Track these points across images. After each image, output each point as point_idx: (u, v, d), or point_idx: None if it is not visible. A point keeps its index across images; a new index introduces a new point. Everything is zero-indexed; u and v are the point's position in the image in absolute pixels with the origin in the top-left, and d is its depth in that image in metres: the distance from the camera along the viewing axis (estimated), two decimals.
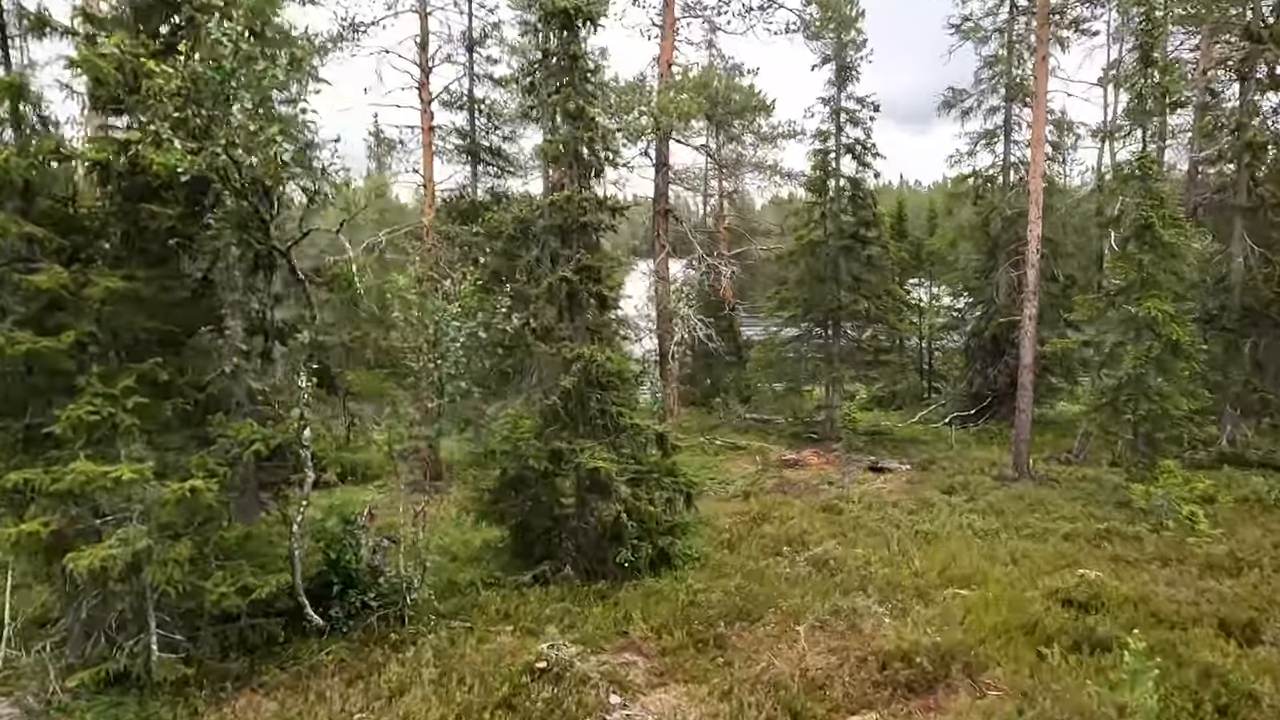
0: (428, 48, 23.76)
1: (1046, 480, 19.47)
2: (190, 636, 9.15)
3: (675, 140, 23.77)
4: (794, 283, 29.53)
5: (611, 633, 9.93)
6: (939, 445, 25.62)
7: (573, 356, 12.26)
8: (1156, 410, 17.53)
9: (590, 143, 12.49)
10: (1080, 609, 10.04)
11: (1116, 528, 14.60)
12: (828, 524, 15.81)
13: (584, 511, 12.57)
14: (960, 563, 12.64)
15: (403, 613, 10.15)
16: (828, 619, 10.22)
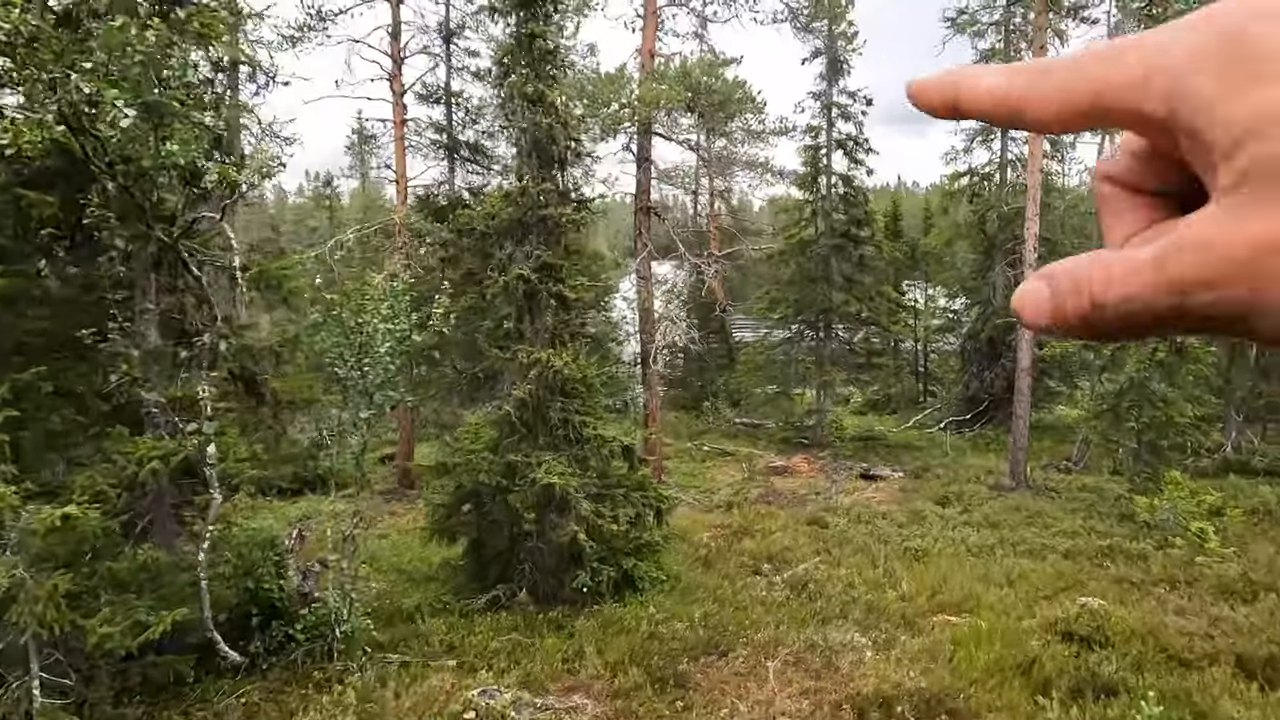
0: (400, 37, 22.80)
1: (1045, 490, 18.51)
2: (85, 678, 8.15)
3: (659, 135, 22.79)
4: (784, 283, 28.63)
5: (560, 670, 8.93)
6: (934, 451, 24.67)
7: (530, 362, 11.28)
8: (1160, 417, 16.58)
9: (550, 130, 11.49)
10: (1082, 644, 9.05)
11: (1120, 544, 13.62)
12: (812, 539, 14.83)
13: (543, 531, 11.57)
14: (951, 585, 11.65)
15: (331, 646, 9.15)
16: (803, 653, 9.23)
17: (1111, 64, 0.31)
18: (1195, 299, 0.28)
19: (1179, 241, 0.29)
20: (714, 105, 19.01)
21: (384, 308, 8.88)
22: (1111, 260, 0.31)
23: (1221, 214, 0.28)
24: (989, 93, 0.34)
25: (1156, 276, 0.29)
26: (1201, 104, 0.28)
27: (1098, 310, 0.31)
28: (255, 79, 23.53)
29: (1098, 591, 11.26)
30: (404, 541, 15.51)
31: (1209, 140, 0.28)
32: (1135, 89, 0.30)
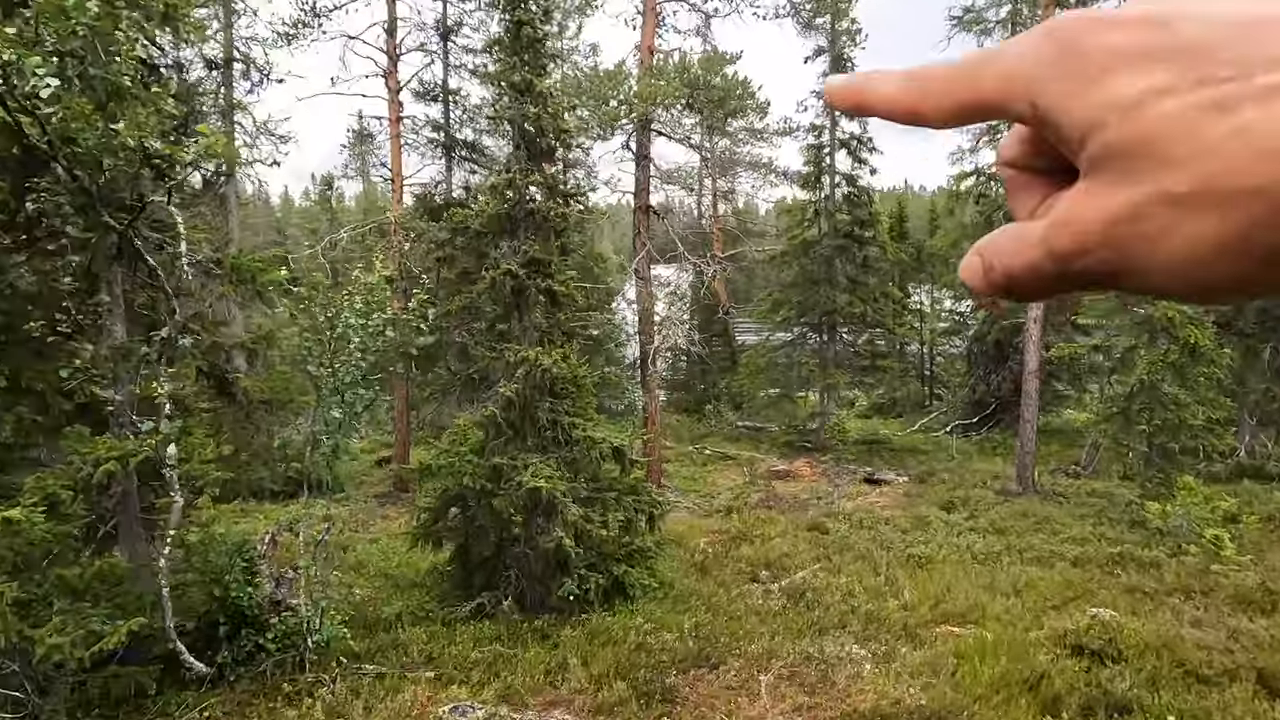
0: (395, 33, 22.46)
1: (1053, 495, 18.01)
2: (41, 689, 7.76)
3: (660, 133, 22.40)
4: (787, 285, 28.18)
5: (542, 683, 8.49)
6: (939, 455, 24.18)
7: (516, 361, 10.86)
8: (1173, 420, 16.05)
9: (539, 120, 11.09)
10: (1093, 658, 8.56)
11: (1131, 551, 13.12)
12: (812, 545, 14.36)
13: (530, 536, 11.14)
14: (955, 594, 11.18)
15: (303, 657, 8.73)
16: (798, 666, 8.77)
17: (982, 71, 0.36)
18: (1074, 265, 0.34)
19: (1054, 218, 0.35)
20: (713, 102, 18.58)
21: (357, 303, 8.48)
22: (1016, 234, 0.37)
23: (1082, 193, 0.33)
24: (888, 98, 0.39)
25: (1044, 248, 0.35)
26: (1054, 104, 0.33)
27: (1010, 278, 0.37)
28: (249, 76, 23.32)
29: (1109, 601, 10.78)
30: (394, 546, 15.12)
31: (1066, 133, 0.33)
32: (1002, 93, 0.35)
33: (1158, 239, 0.31)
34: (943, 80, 0.38)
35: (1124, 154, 0.31)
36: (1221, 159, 0.29)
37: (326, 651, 9.01)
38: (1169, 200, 0.30)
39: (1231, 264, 0.30)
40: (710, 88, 18.38)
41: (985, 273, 0.38)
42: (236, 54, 22.68)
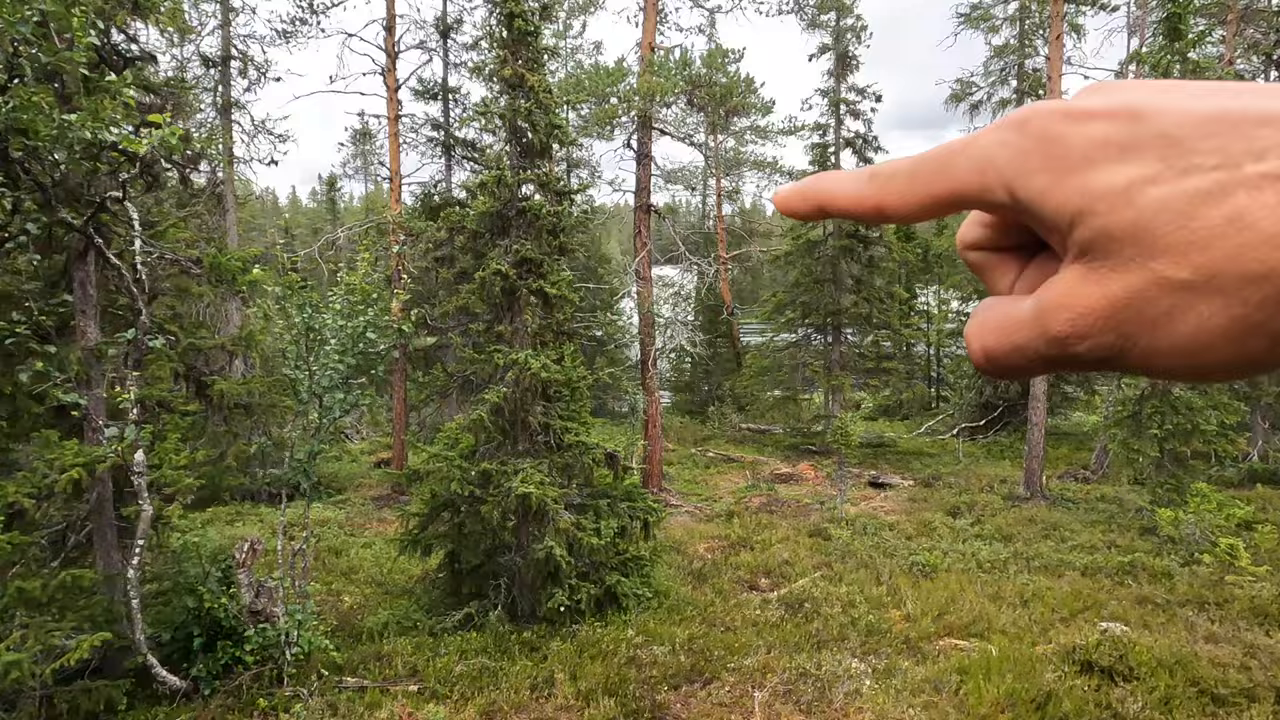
0: (394, 31, 22.20)
1: (1061, 500, 17.62)
2: (8, 704, 7.48)
3: (661, 131, 22.08)
4: (791, 285, 27.82)
5: (528, 699, 8.15)
6: (945, 459, 23.78)
7: (506, 363, 10.54)
8: (1185, 424, 15.63)
9: (530, 115, 10.77)
10: (1104, 676, 8.17)
11: (1142, 560, 12.72)
12: (813, 552, 14.01)
13: (522, 544, 10.82)
14: (960, 605, 10.81)
15: (281, 670, 8.42)
16: (795, 682, 8.42)
17: (952, 163, 0.36)
18: (1074, 348, 0.33)
19: (1048, 302, 0.34)
20: (715, 98, 18.22)
21: (336, 303, 8.17)
22: (1004, 312, 0.37)
23: (1077, 277, 0.33)
24: (852, 199, 0.39)
25: (1038, 330, 0.34)
26: (1035, 195, 0.33)
27: (998, 358, 0.37)
28: (247, 74, 23.09)
29: (1119, 613, 10.40)
30: (387, 551, 14.82)
31: (1050, 222, 0.33)
32: (978, 184, 0.35)
33: (1161, 324, 0.31)
34: (909, 175, 0.37)
35: (1118, 240, 0.31)
36: (1220, 246, 0.29)
37: (307, 664, 8.70)
38: (1170, 286, 0.30)
39: (1238, 347, 0.30)
40: (712, 84, 18.02)
41: (981, 353, 0.37)
42: (234, 51, 22.46)
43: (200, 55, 22.48)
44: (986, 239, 0.42)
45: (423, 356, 23.08)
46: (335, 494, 22.93)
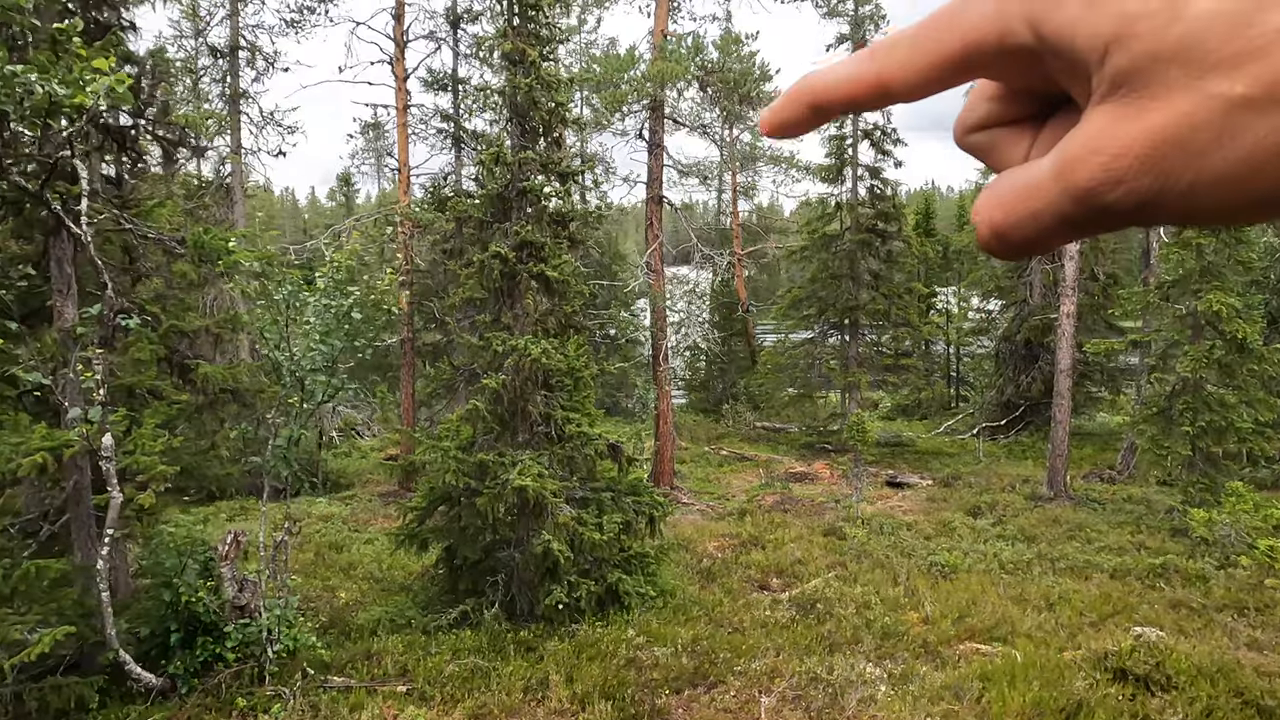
0: (403, 20, 21.86)
1: (1087, 501, 16.96)
2: None
3: (675, 120, 21.60)
4: (807, 280, 27.23)
5: (520, 701, 7.70)
6: (965, 458, 23.14)
7: (504, 350, 10.10)
8: (1218, 422, 14.94)
9: (530, 92, 10.32)
10: (1139, 685, 7.59)
11: (1175, 562, 12.08)
12: (827, 552, 13.47)
13: (521, 539, 10.37)
14: (981, 607, 10.24)
15: (263, 668, 8.01)
16: (805, 687, 7.90)
17: (962, 19, 0.33)
18: (1104, 199, 0.30)
19: (1074, 151, 0.30)
20: (728, 84, 17.71)
21: (319, 281, 7.75)
22: (1016, 180, 0.33)
23: (1110, 116, 0.29)
24: (848, 80, 0.35)
25: (1061, 187, 0.31)
26: (1064, 23, 0.30)
27: (1013, 229, 0.33)
28: (255, 64, 22.85)
29: (1152, 618, 9.80)
30: (388, 548, 14.45)
31: (1080, 53, 0.30)
32: (996, 26, 0.32)
33: (1209, 152, 0.28)
34: (913, 39, 0.33)
35: (1163, 61, 0.28)
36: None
37: (292, 661, 8.29)
38: (1225, 106, 0.27)
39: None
40: (725, 70, 17.52)
41: (988, 228, 0.34)
42: (243, 41, 22.22)
43: (208, 46, 22.27)
44: (992, 114, 0.37)
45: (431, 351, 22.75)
46: (344, 489, 22.66)
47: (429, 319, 22.39)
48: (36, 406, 8.06)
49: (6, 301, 6.78)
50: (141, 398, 8.72)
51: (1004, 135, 0.38)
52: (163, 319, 8.45)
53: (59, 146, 5.98)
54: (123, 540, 8.53)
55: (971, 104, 0.39)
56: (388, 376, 29.89)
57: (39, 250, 8.29)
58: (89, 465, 7.96)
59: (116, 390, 8.41)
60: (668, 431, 20.66)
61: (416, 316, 21.91)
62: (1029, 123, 0.37)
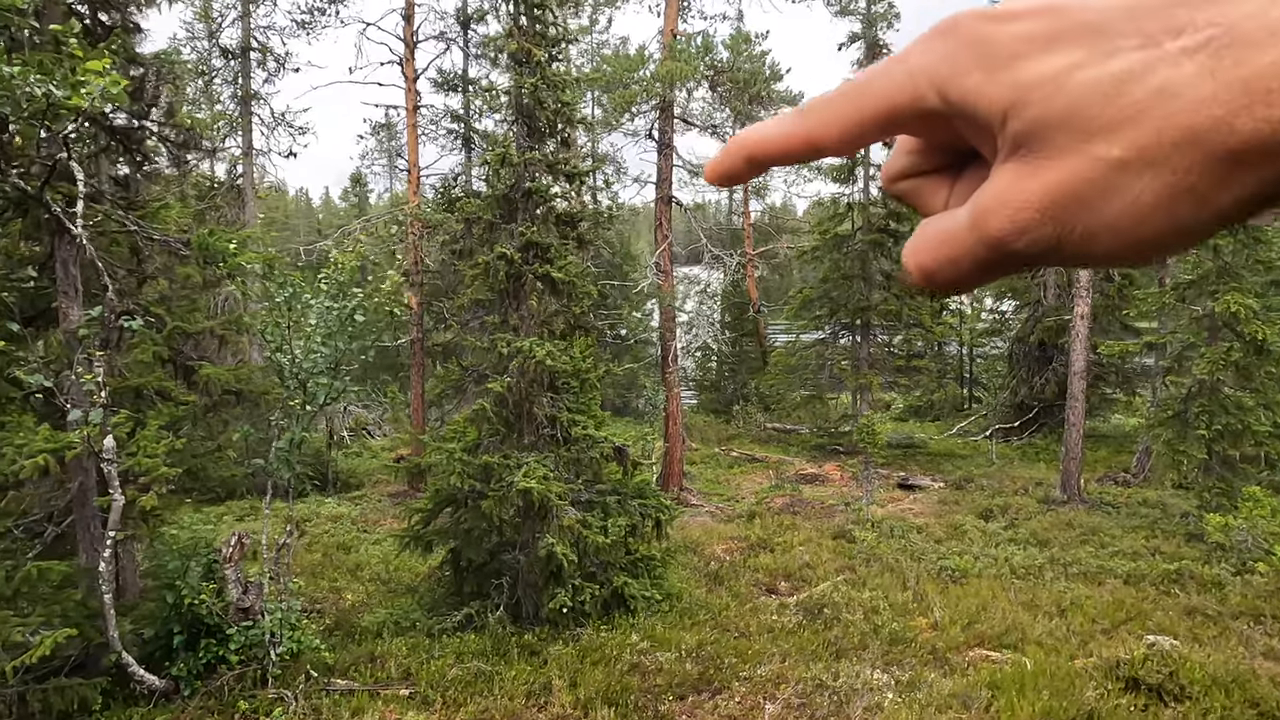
0: (413, 20, 21.87)
1: (1100, 504, 16.74)
2: None
3: (684, 120, 21.51)
4: (819, 281, 27.06)
5: (522, 707, 7.64)
6: (978, 460, 22.93)
7: (510, 352, 10.05)
8: (1235, 425, 14.71)
9: (536, 92, 10.27)
10: (1151, 695, 7.45)
11: (1190, 568, 11.89)
12: (836, 555, 13.36)
13: (527, 542, 10.32)
14: (992, 613, 10.11)
15: (266, 671, 7.99)
16: (810, 694, 7.80)
17: (880, 80, 0.36)
18: (1013, 245, 0.33)
19: (985, 204, 0.34)
20: (738, 84, 17.60)
21: (322, 283, 7.72)
22: (938, 226, 0.37)
23: (1010, 174, 0.33)
24: (781, 137, 0.38)
25: (976, 235, 0.34)
26: (968, 93, 0.34)
27: (935, 271, 0.36)
28: (266, 65, 22.93)
29: (1166, 625, 9.63)
30: (395, 549, 14.45)
31: (984, 119, 0.34)
32: (909, 92, 0.35)
33: (1097, 205, 0.32)
34: (837, 101, 0.37)
35: (1052, 127, 0.32)
36: (1149, 119, 0.30)
37: (295, 664, 8.27)
38: (1106, 166, 0.31)
39: (1169, 214, 0.31)
40: (735, 70, 17.40)
41: (918, 270, 0.37)
42: (254, 42, 22.31)
43: (220, 47, 22.36)
44: (913, 165, 0.41)
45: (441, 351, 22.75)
46: (353, 490, 22.69)
47: (439, 319, 22.39)
48: (44, 408, 8.08)
49: (9, 303, 6.78)
50: (149, 399, 8.73)
51: (926, 184, 0.41)
52: (167, 320, 8.45)
53: (57, 148, 5.97)
54: (129, 542, 8.54)
55: (894, 155, 0.42)
56: (398, 377, 29.99)
57: (46, 252, 8.31)
58: (94, 467, 7.97)
59: (124, 392, 8.42)
60: (677, 432, 20.57)
61: (426, 317, 21.93)
62: (947, 172, 0.41)
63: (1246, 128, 0.29)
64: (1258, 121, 0.29)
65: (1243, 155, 0.30)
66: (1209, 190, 0.31)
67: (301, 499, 19.08)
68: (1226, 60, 0.30)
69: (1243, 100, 0.29)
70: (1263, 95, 0.29)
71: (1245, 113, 0.29)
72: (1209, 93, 0.30)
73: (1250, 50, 0.29)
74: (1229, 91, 0.29)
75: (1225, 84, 0.29)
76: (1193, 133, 0.30)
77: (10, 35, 5.54)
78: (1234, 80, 0.29)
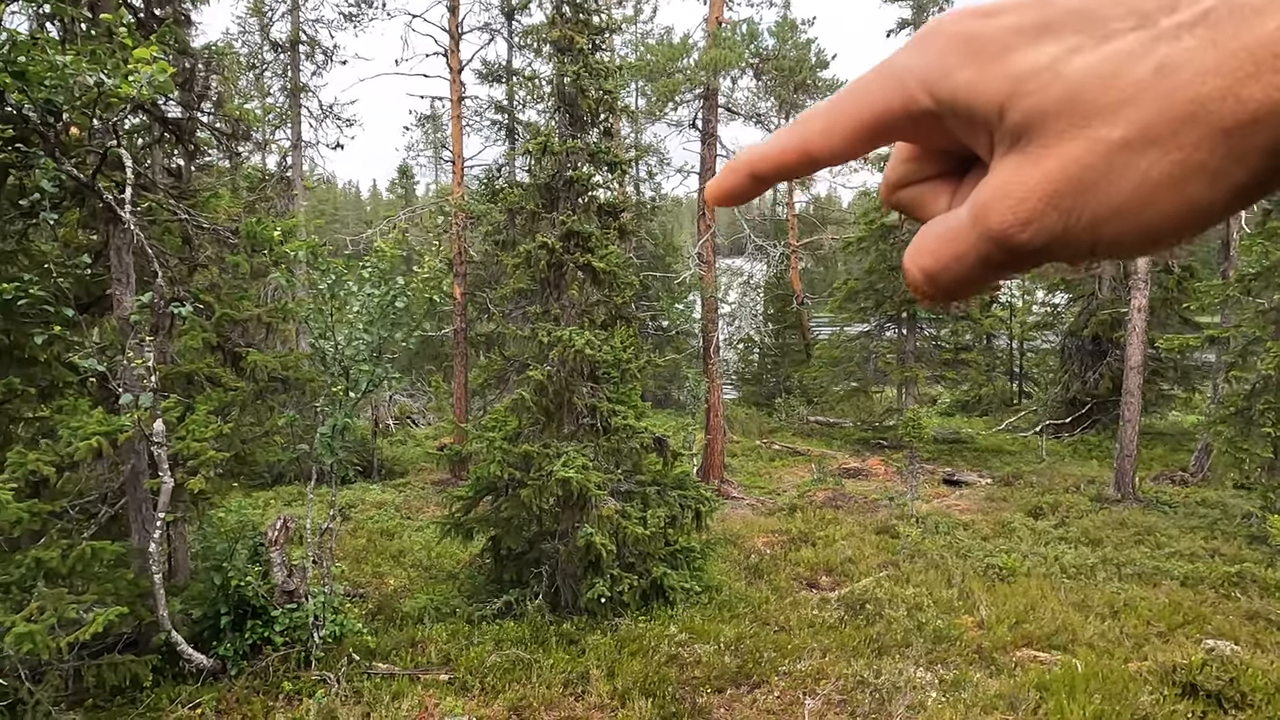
0: (458, 12, 21.99)
1: (1156, 503, 16.20)
2: (36, 676, 7.35)
3: (728, 109, 21.30)
4: (864, 272, 26.63)
5: (560, 695, 7.64)
6: (1027, 457, 22.39)
7: (550, 341, 10.05)
8: None
9: (579, 80, 10.22)
10: (1210, 702, 7.16)
11: (1251, 570, 11.43)
12: (879, 550, 13.14)
13: (567, 531, 10.33)
14: (1040, 613, 9.83)
15: (309, 653, 8.12)
16: (851, 691, 7.67)
17: (870, 87, 0.35)
18: (1017, 239, 0.32)
19: (984, 197, 0.33)
20: (783, 71, 17.33)
21: (364, 270, 7.78)
22: (938, 228, 0.36)
23: (1010, 166, 0.32)
24: (779, 151, 0.38)
25: (978, 232, 0.33)
26: (961, 90, 0.33)
27: (938, 273, 0.35)
28: (314, 58, 23.28)
29: (1226, 630, 9.27)
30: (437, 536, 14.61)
31: (979, 114, 0.33)
32: (900, 95, 0.34)
33: (1102, 188, 0.31)
34: (829, 111, 0.36)
35: (1051, 115, 0.31)
36: (1151, 97, 0.30)
37: (338, 647, 8.39)
38: (1109, 148, 0.30)
39: (1178, 194, 0.30)
40: (780, 58, 17.14)
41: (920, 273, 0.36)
42: (303, 35, 22.65)
43: (270, 40, 22.75)
44: (912, 172, 0.40)
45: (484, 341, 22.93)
46: (397, 477, 23.00)
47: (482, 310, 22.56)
48: (99, 393, 8.30)
49: (66, 290, 6.95)
50: (199, 384, 8.92)
51: (926, 191, 0.40)
52: (216, 307, 8.60)
53: (108, 136, 6.09)
54: (180, 524, 8.75)
55: (892, 165, 0.41)
56: (443, 367, 30.34)
57: (101, 240, 8.52)
58: (145, 450, 8.17)
59: (175, 377, 8.61)
60: (718, 424, 20.45)
61: (470, 307, 22.11)
62: (946, 179, 0.39)
63: (1255, 96, 0.28)
64: (1267, 89, 0.28)
65: (1253, 126, 0.28)
66: (1220, 165, 0.29)
67: (347, 486, 19.44)
68: (1227, 30, 0.28)
69: (1249, 68, 0.28)
70: (1270, 61, 0.28)
71: (1252, 81, 0.28)
72: (1212, 64, 0.28)
73: (1253, 18, 0.28)
74: (1234, 60, 0.28)
75: (1229, 53, 0.28)
76: (1197, 106, 0.29)
77: (64, 25, 5.67)
78: (1238, 49, 0.28)
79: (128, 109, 5.75)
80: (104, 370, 6.88)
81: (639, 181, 29.81)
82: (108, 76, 5.09)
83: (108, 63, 5.23)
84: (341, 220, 63.23)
